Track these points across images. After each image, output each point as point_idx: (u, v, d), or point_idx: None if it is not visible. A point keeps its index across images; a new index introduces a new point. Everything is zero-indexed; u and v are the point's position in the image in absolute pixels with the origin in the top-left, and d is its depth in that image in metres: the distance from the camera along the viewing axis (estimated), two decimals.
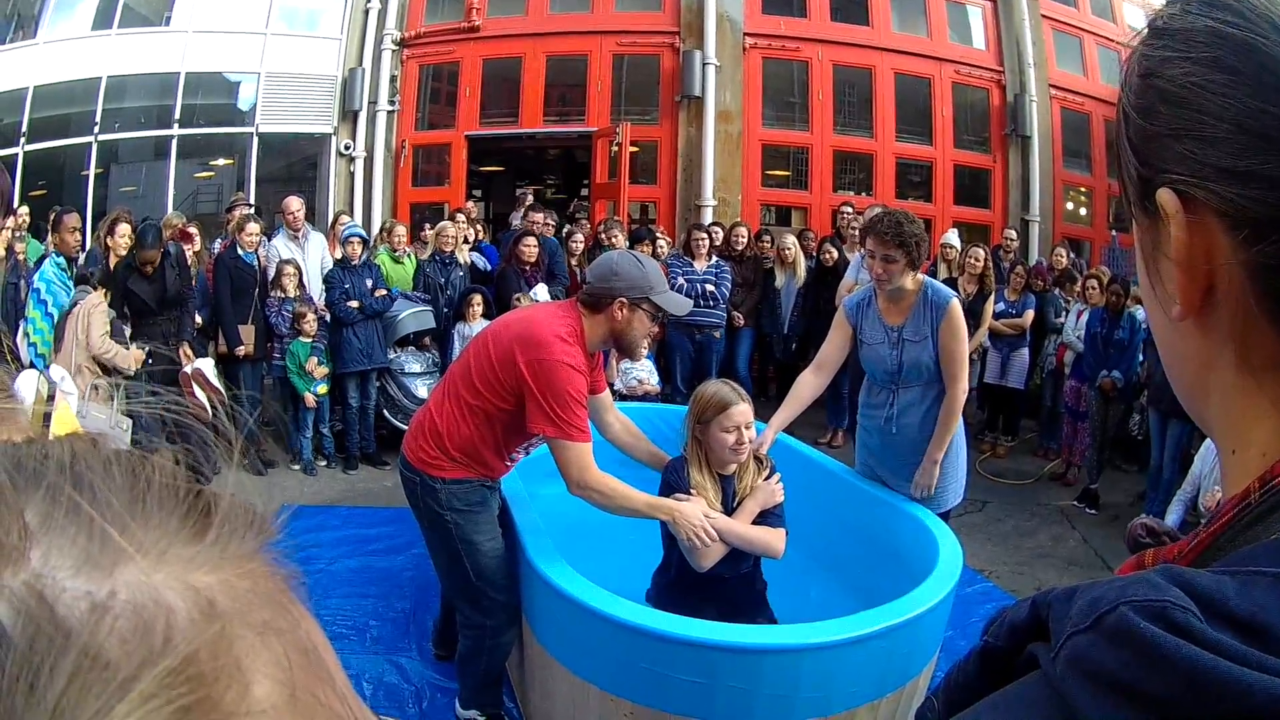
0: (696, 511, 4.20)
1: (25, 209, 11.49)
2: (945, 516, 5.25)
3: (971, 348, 9.90)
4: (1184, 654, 0.55)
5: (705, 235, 10.95)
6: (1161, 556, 0.76)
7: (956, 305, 5.06)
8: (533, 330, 4.21)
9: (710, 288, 10.50)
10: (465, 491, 4.42)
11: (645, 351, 7.24)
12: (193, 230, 10.18)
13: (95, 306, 7.52)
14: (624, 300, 4.27)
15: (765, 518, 4.37)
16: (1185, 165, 0.71)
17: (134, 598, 0.34)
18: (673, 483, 4.36)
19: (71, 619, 0.32)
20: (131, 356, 7.66)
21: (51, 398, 0.53)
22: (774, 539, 4.30)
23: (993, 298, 10.15)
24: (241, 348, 9.05)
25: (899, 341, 5.20)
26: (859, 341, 5.42)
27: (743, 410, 4.25)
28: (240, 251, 9.42)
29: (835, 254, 10.94)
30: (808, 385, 5.51)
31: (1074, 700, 0.60)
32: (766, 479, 4.46)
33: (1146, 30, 0.79)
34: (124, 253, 8.49)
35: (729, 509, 4.34)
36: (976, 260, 10.09)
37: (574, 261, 11.13)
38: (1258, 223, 0.67)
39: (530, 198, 14.91)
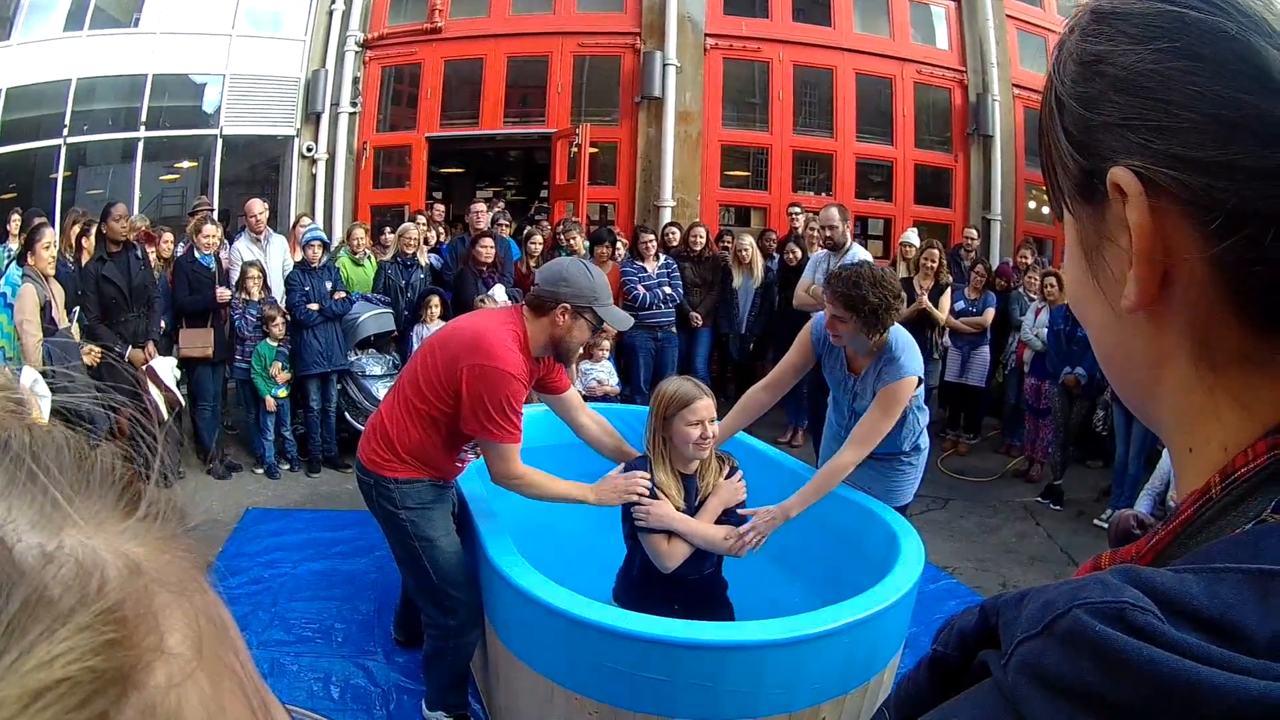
0: (612, 484, 4.37)
1: None
2: (901, 513, 5.25)
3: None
4: (1145, 657, 0.53)
5: (651, 235, 11.02)
6: (1119, 557, 0.73)
7: (900, 386, 4.83)
8: (477, 336, 4.30)
9: (667, 290, 10.54)
10: (418, 490, 4.53)
11: (603, 354, 7.31)
12: (156, 233, 10.19)
13: (25, 293, 7.49)
14: (568, 306, 4.35)
15: (728, 516, 4.42)
16: (1142, 155, 0.69)
17: (76, 553, 0.40)
18: None
19: (26, 562, 0.38)
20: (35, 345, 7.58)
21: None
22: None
23: (949, 291, 10.18)
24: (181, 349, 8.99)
25: (851, 391, 5.22)
26: (822, 365, 5.39)
27: (706, 404, 4.29)
28: (197, 254, 9.39)
29: (799, 253, 10.91)
30: (756, 402, 5.43)
31: (1027, 709, 0.58)
32: (728, 477, 4.51)
33: (1087, 14, 0.76)
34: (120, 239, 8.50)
35: (692, 508, 4.37)
36: (931, 261, 10.14)
37: (532, 263, 11.13)
38: (1231, 214, 0.65)
39: (501, 204, 14.85)
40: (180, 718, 0.40)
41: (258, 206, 10.68)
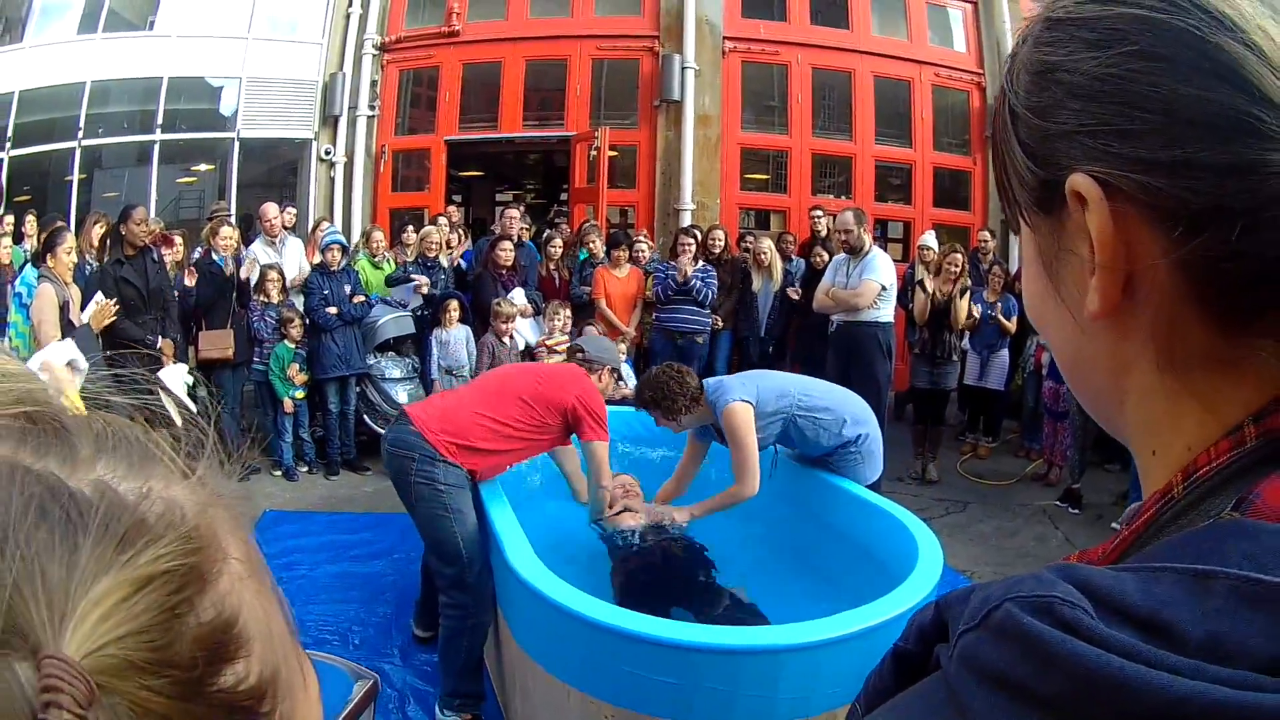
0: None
1: (11, 217, 11.49)
2: (875, 489, 5.83)
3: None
4: (1069, 650, 0.54)
5: (691, 239, 10.93)
6: (1087, 557, 0.73)
7: (726, 418, 5.61)
8: (577, 377, 5.64)
9: (683, 272, 10.54)
10: (458, 473, 5.12)
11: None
12: (173, 236, 10.23)
13: (43, 293, 7.50)
14: (610, 368, 6.02)
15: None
16: (1102, 160, 0.69)
17: (162, 494, 0.52)
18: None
19: (128, 499, 0.50)
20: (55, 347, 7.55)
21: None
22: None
23: (968, 295, 10.13)
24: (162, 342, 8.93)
25: None
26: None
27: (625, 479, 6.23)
28: (215, 257, 9.43)
29: (826, 257, 10.84)
30: (667, 493, 6.32)
31: (964, 698, 0.59)
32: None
33: (1039, 23, 0.76)
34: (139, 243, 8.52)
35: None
36: (954, 266, 10.07)
37: (551, 265, 11.16)
38: (1196, 214, 0.65)
39: (522, 207, 14.85)
40: (240, 610, 0.52)
41: (272, 210, 10.75)
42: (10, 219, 11.48)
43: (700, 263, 10.81)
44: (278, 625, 0.57)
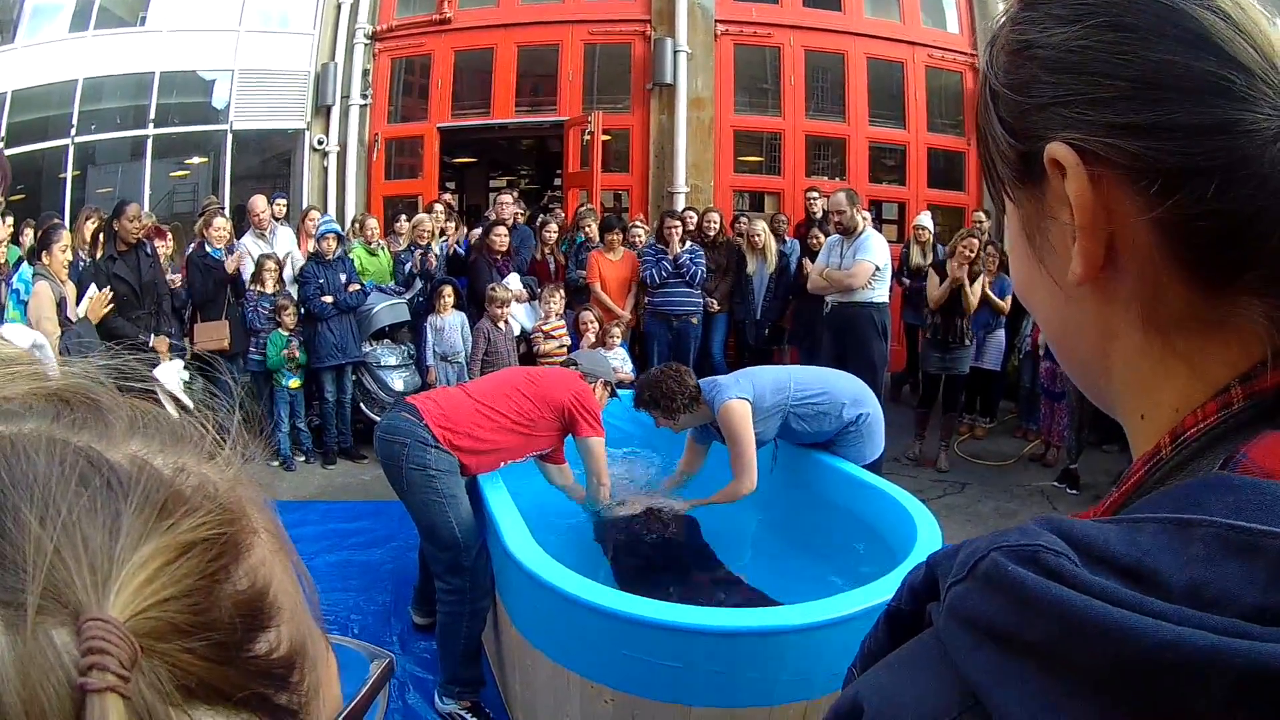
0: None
1: (10, 218, 11.46)
2: (876, 467, 5.91)
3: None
4: (1054, 596, 0.55)
5: (678, 222, 10.92)
6: (1079, 518, 0.73)
7: (723, 416, 5.66)
8: (572, 378, 5.78)
9: (688, 263, 10.52)
10: (450, 462, 5.08)
11: (615, 341, 8.47)
12: (165, 229, 10.22)
13: (40, 290, 7.49)
14: (605, 381, 6.04)
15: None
16: (1078, 129, 0.71)
17: (194, 471, 0.54)
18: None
19: (164, 474, 0.51)
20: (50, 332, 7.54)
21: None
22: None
23: (980, 280, 10.07)
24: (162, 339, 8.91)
25: None
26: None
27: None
28: (208, 248, 9.42)
29: (822, 239, 10.78)
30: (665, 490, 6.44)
31: (953, 649, 0.61)
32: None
33: (1017, 5, 0.79)
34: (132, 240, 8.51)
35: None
36: (969, 250, 9.99)
37: (546, 250, 11.15)
38: (1170, 174, 0.67)
39: (517, 192, 14.83)
40: (271, 581, 0.54)
41: (260, 205, 10.77)
42: (10, 219, 11.44)
43: (688, 243, 10.80)
44: (303, 601, 0.60)
